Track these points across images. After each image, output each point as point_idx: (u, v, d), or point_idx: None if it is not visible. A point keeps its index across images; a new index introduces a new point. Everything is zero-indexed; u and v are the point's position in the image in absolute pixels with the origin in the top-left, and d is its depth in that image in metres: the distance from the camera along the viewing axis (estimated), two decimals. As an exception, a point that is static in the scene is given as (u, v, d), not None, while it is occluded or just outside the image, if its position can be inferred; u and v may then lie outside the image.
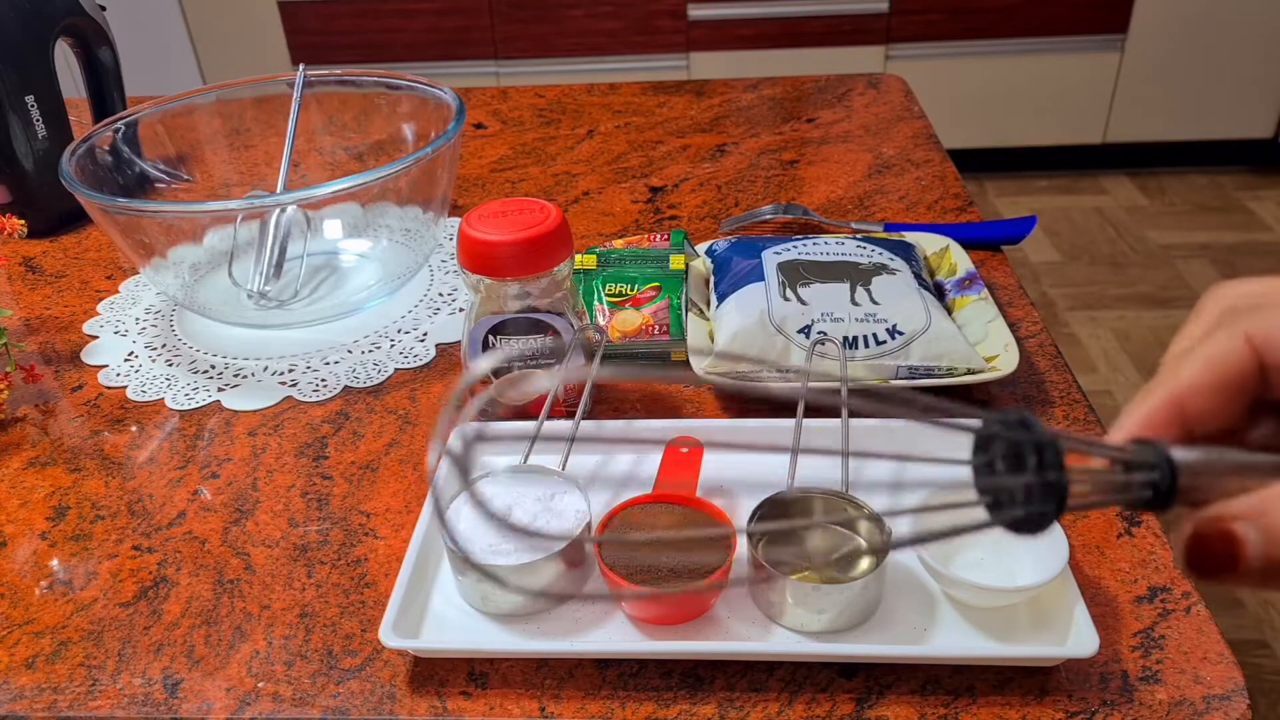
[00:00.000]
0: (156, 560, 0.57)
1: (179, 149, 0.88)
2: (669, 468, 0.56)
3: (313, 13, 2.58)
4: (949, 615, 0.49)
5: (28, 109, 0.90)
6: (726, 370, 0.65)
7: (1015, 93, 2.64)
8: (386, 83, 0.87)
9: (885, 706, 0.46)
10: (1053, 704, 0.45)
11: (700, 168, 1.00)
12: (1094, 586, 0.51)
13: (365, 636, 0.51)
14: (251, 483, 0.62)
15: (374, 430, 0.66)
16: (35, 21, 0.90)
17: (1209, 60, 2.56)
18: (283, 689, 0.48)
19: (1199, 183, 2.74)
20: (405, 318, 0.78)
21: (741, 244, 0.75)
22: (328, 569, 0.55)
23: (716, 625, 0.50)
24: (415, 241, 0.82)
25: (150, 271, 0.75)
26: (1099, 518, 0.55)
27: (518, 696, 0.47)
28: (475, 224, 0.59)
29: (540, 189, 0.98)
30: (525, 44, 2.62)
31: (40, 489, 0.63)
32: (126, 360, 0.75)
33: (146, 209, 0.74)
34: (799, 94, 1.18)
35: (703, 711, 0.46)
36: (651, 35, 2.60)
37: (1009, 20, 2.54)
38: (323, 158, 0.92)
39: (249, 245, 0.81)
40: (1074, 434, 0.34)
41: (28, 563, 0.57)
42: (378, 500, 0.60)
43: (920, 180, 0.96)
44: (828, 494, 0.53)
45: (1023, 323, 0.73)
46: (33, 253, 0.92)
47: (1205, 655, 0.47)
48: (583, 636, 0.50)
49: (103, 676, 0.50)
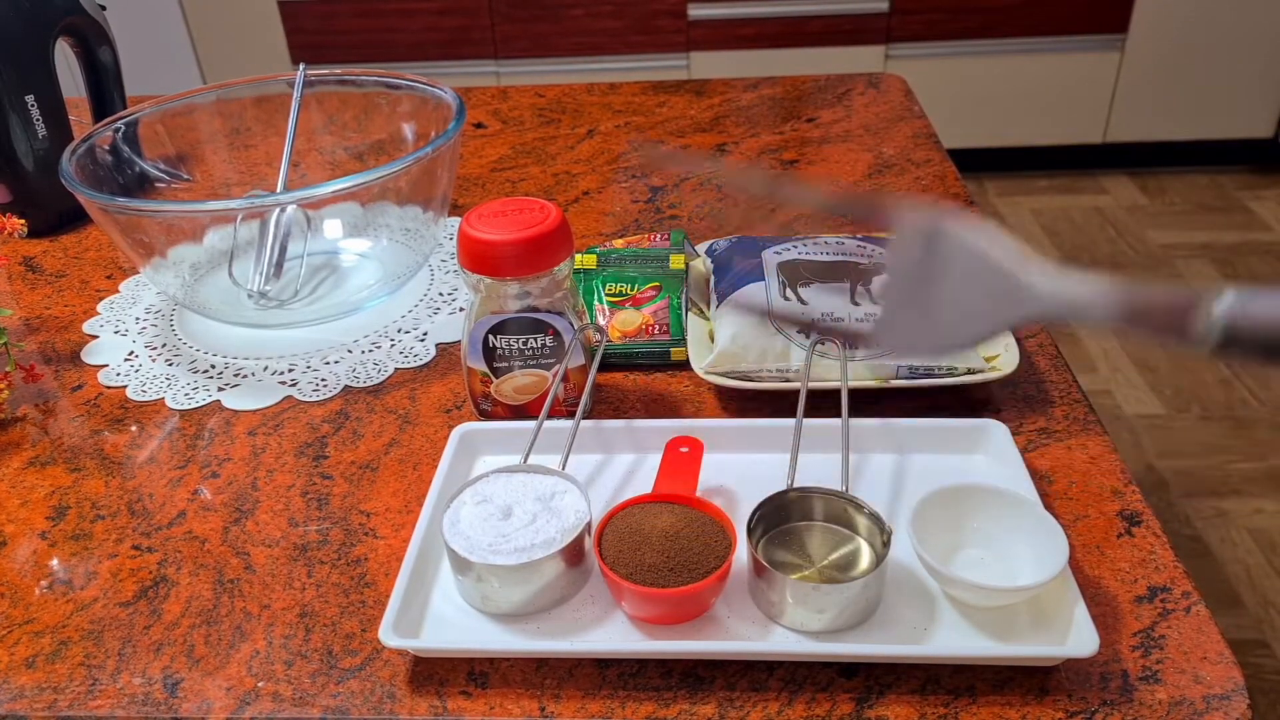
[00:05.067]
0: (156, 560, 0.57)
1: (179, 149, 0.88)
2: (669, 468, 0.56)
3: (313, 12, 2.58)
4: (949, 615, 0.49)
5: (28, 109, 0.90)
6: (727, 370, 0.65)
7: (1015, 93, 2.64)
8: (386, 82, 0.87)
9: (885, 706, 0.46)
10: (1053, 704, 0.45)
11: (700, 167, 1.00)
12: (1094, 586, 0.51)
13: (365, 636, 0.51)
14: (251, 482, 0.62)
15: (374, 430, 0.66)
16: (35, 21, 0.90)
17: (1209, 60, 2.56)
18: (283, 689, 0.48)
19: (1199, 183, 2.73)
20: (405, 317, 0.78)
21: (742, 244, 0.75)
22: (328, 569, 0.55)
23: (716, 625, 0.50)
24: (415, 241, 0.82)
25: (150, 271, 0.75)
26: (1099, 518, 0.55)
27: (518, 696, 0.47)
28: (475, 224, 0.59)
29: (540, 189, 0.98)
30: (525, 44, 2.62)
31: (40, 488, 0.63)
32: (126, 360, 0.75)
33: (146, 209, 0.74)
34: (799, 94, 1.18)
35: (703, 711, 0.46)
36: (651, 35, 2.60)
37: (1009, 20, 2.54)
38: (323, 157, 0.92)
39: (249, 245, 0.81)
40: None
41: (28, 562, 0.57)
42: (378, 500, 0.60)
43: (920, 180, 0.96)
44: (828, 494, 0.53)
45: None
46: (33, 252, 0.92)
47: (1205, 655, 0.47)
48: (583, 636, 0.50)
49: (103, 676, 0.50)
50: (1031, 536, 0.50)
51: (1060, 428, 0.62)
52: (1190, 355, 1.90)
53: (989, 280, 0.33)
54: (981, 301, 0.33)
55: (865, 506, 0.51)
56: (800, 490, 0.53)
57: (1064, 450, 0.61)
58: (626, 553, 0.49)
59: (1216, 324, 0.28)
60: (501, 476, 0.55)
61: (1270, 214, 2.56)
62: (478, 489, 0.54)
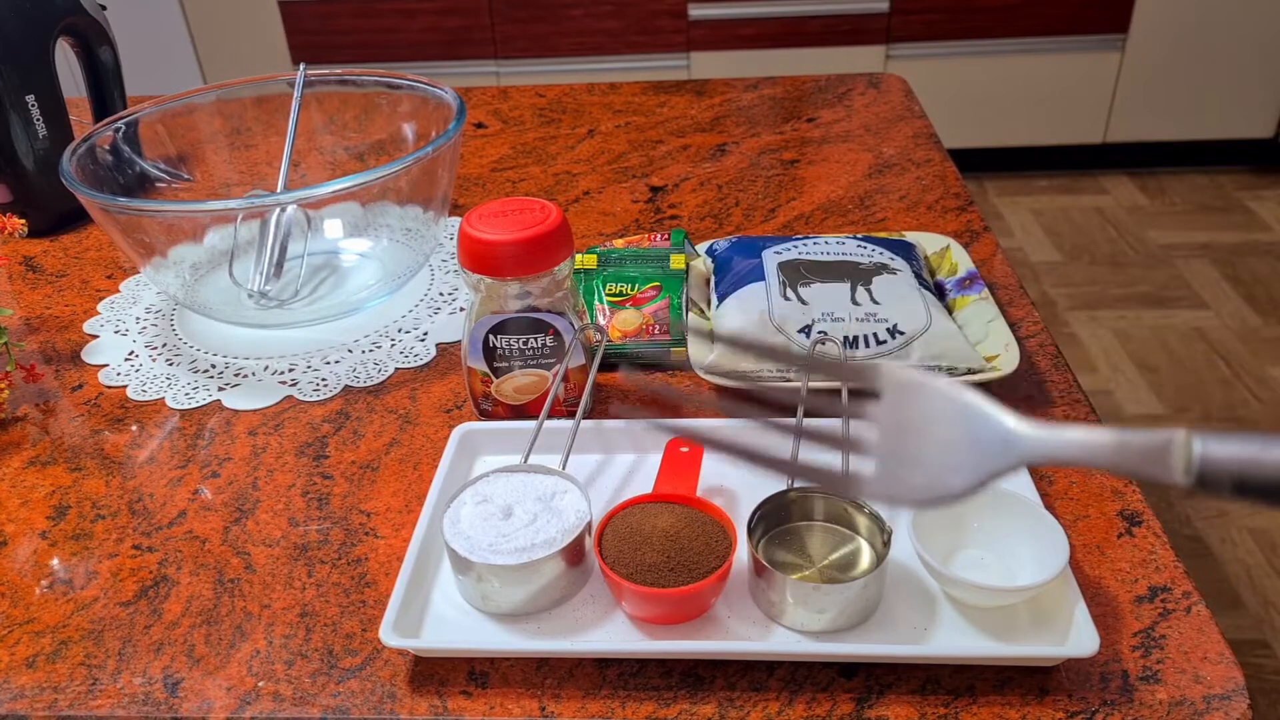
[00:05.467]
0: (157, 560, 0.57)
1: (179, 149, 0.88)
2: (669, 468, 0.56)
3: (313, 13, 2.58)
4: (949, 615, 0.49)
5: (28, 108, 0.90)
6: (727, 370, 0.65)
7: (1015, 93, 2.64)
8: (387, 82, 0.87)
9: (885, 706, 0.46)
10: (1053, 704, 0.45)
11: (700, 167, 1.00)
12: (1094, 586, 0.51)
13: (365, 636, 0.51)
14: (252, 482, 0.62)
15: (374, 430, 0.66)
16: (35, 21, 0.90)
17: (1209, 60, 2.56)
18: (283, 688, 0.48)
19: (1199, 183, 2.73)
20: (405, 317, 0.78)
21: (742, 244, 0.75)
22: (328, 568, 0.55)
23: (716, 625, 0.50)
24: (415, 241, 0.82)
25: (150, 271, 0.75)
26: (1099, 518, 0.56)
27: (518, 696, 0.47)
28: (475, 224, 0.59)
29: (540, 189, 0.98)
30: (525, 44, 2.62)
31: (41, 488, 0.63)
32: (127, 360, 0.75)
33: (147, 209, 0.74)
34: (799, 94, 1.18)
35: (703, 711, 0.46)
36: (652, 35, 2.60)
37: (1009, 20, 2.54)
38: (323, 157, 0.92)
39: (249, 245, 0.81)
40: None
41: (28, 562, 0.57)
42: (378, 500, 0.60)
43: (920, 180, 0.96)
44: (828, 494, 0.53)
45: (1023, 322, 0.73)
46: (33, 252, 0.92)
47: (1205, 655, 0.47)
48: (583, 636, 0.50)
49: (103, 676, 0.50)
50: (1031, 536, 0.50)
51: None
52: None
53: (977, 431, 0.35)
54: (970, 454, 0.35)
55: (865, 506, 0.51)
56: (800, 490, 0.53)
57: (1064, 450, 0.61)
58: (627, 553, 0.49)
59: (1194, 465, 0.30)
60: (502, 476, 0.55)
61: (1270, 214, 2.56)
62: (478, 489, 0.54)
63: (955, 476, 0.35)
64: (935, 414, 0.36)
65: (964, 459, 0.35)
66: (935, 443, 0.35)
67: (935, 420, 0.36)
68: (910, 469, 0.36)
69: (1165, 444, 0.31)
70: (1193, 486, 0.30)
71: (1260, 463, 0.30)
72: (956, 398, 0.35)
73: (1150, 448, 0.31)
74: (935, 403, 0.36)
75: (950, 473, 0.35)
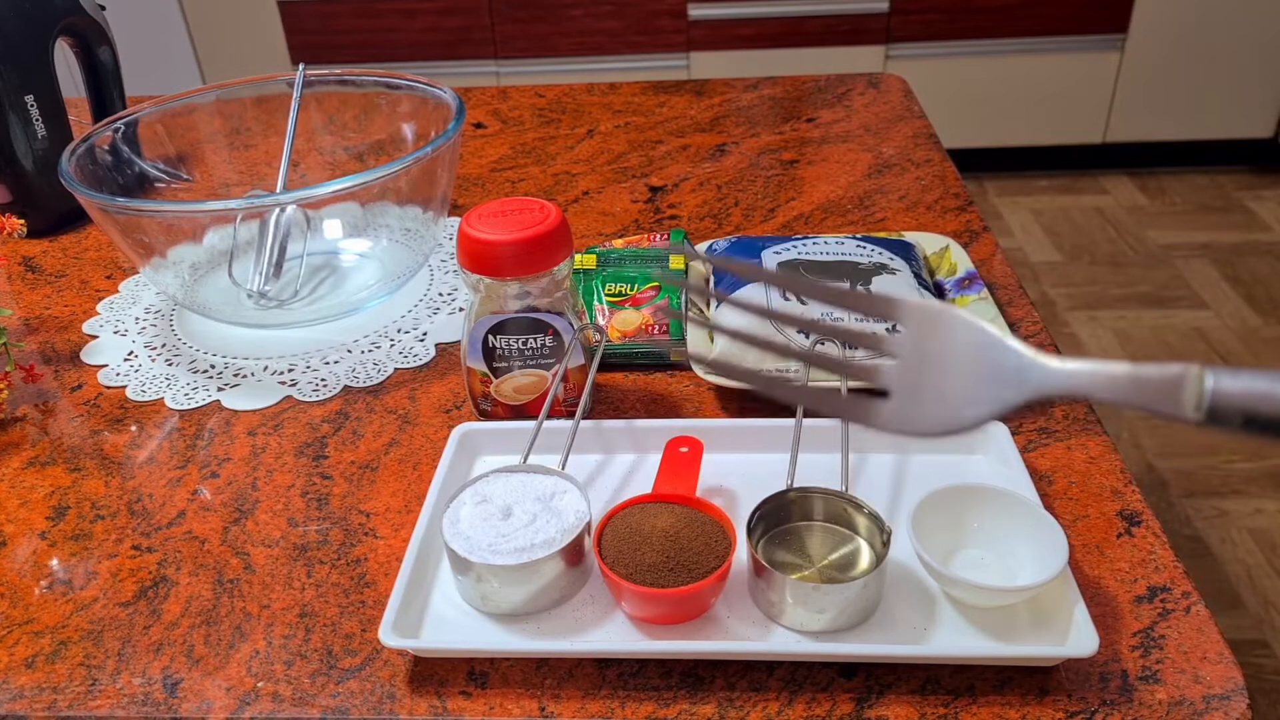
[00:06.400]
0: (156, 560, 0.57)
1: (179, 149, 0.88)
2: (669, 468, 0.56)
3: (313, 13, 2.58)
4: (949, 615, 0.49)
5: (27, 109, 0.90)
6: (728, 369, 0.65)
7: (1015, 93, 2.64)
8: (386, 82, 0.87)
9: (885, 706, 0.46)
10: (1053, 704, 0.45)
11: (700, 168, 1.00)
12: (1094, 586, 0.51)
13: (365, 636, 0.51)
14: (251, 482, 0.62)
15: (374, 430, 0.66)
16: (35, 21, 0.90)
17: (1209, 60, 2.56)
18: (283, 689, 0.48)
19: (1199, 183, 2.73)
20: (405, 317, 0.78)
21: (741, 244, 0.75)
22: (328, 569, 0.55)
23: (716, 625, 0.50)
24: (415, 241, 0.82)
25: (150, 271, 0.75)
26: (1099, 518, 0.55)
27: (518, 696, 0.47)
28: (475, 224, 0.59)
29: (540, 189, 0.98)
30: (525, 44, 2.62)
31: (40, 489, 0.63)
32: (126, 360, 0.75)
33: (146, 209, 0.74)
34: (799, 94, 1.18)
35: (703, 711, 0.46)
36: (652, 35, 2.60)
37: (1009, 20, 2.54)
38: (323, 157, 0.92)
39: (249, 245, 0.81)
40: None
41: (27, 562, 0.57)
42: (378, 500, 0.60)
43: (920, 180, 0.96)
44: (828, 494, 0.53)
45: (1023, 323, 0.73)
46: (32, 252, 0.92)
47: (1205, 655, 0.47)
48: (583, 636, 0.50)
49: (102, 676, 0.50)
50: (1031, 536, 0.50)
51: (1060, 427, 0.62)
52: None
53: (996, 361, 0.35)
54: (987, 384, 0.35)
55: (865, 506, 0.51)
56: (800, 490, 0.53)
57: (1064, 450, 0.61)
58: (626, 553, 0.49)
59: (1205, 399, 0.30)
60: (501, 476, 0.55)
61: (1270, 214, 2.56)
62: (478, 489, 0.54)
63: (971, 408, 0.35)
64: (956, 344, 0.36)
65: (981, 389, 0.35)
66: (954, 372, 0.36)
67: (955, 350, 0.36)
68: (927, 399, 0.36)
69: (1178, 378, 0.31)
70: (1202, 422, 0.30)
71: (1271, 398, 0.29)
72: (977, 328, 0.36)
73: (1163, 380, 0.31)
74: (958, 332, 0.36)
75: (967, 403, 0.35)
